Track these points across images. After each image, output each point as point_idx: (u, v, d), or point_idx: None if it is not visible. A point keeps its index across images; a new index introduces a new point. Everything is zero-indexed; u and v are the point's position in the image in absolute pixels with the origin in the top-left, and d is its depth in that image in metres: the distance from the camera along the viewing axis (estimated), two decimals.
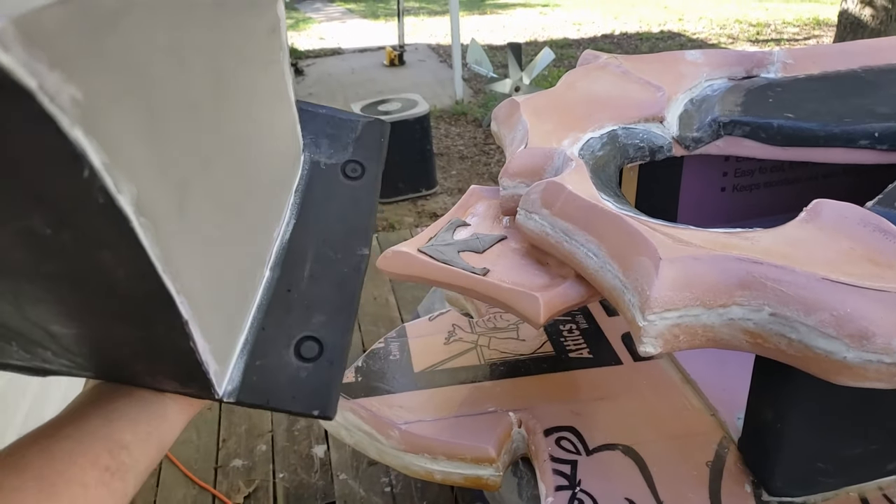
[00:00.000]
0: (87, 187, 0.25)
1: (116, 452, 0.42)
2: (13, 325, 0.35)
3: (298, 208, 0.52)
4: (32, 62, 0.21)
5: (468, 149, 4.72)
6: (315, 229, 0.51)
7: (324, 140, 0.56)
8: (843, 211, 0.78)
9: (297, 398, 0.44)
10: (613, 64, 1.30)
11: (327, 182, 0.54)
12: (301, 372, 0.44)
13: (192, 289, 0.35)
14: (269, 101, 0.47)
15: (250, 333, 0.45)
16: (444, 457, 0.97)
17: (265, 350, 0.45)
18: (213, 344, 0.39)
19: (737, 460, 0.93)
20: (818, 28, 7.81)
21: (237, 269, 0.44)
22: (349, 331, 0.47)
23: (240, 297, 0.45)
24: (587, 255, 0.82)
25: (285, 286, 0.48)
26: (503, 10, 10.11)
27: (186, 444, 2.07)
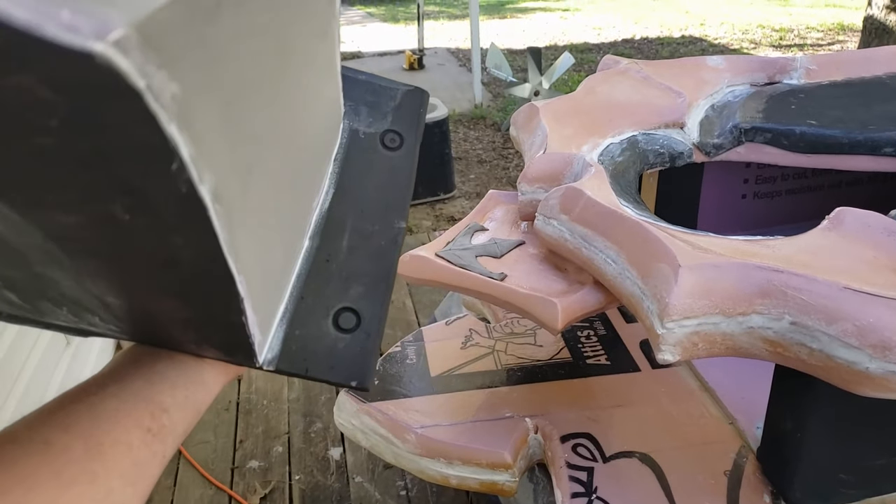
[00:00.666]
0: (173, 179, 0.26)
1: (158, 415, 0.43)
2: (70, 294, 0.35)
3: (337, 177, 0.52)
4: (146, 65, 0.21)
5: (487, 153, 4.72)
6: (353, 200, 0.51)
7: (363, 108, 0.56)
8: (866, 219, 0.77)
9: (335, 368, 0.44)
10: (634, 69, 1.30)
11: (366, 152, 0.54)
12: (339, 342, 0.44)
13: (249, 267, 0.35)
14: (321, 71, 0.47)
15: (290, 302, 0.45)
16: (459, 461, 0.97)
17: (304, 320, 0.45)
18: (259, 315, 0.40)
19: (755, 470, 0.92)
20: (842, 33, 7.73)
21: (283, 242, 0.44)
22: (386, 303, 0.47)
23: (283, 267, 0.45)
24: (606, 261, 0.81)
25: (324, 256, 0.48)
26: (523, 15, 10.10)
27: (203, 444, 2.08)
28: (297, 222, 0.47)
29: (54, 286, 0.35)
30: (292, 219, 0.45)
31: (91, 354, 2.26)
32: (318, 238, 0.49)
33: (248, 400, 2.28)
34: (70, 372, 2.05)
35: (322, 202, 0.50)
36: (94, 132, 0.23)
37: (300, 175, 0.46)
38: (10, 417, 1.65)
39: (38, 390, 1.84)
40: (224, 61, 0.28)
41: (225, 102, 0.29)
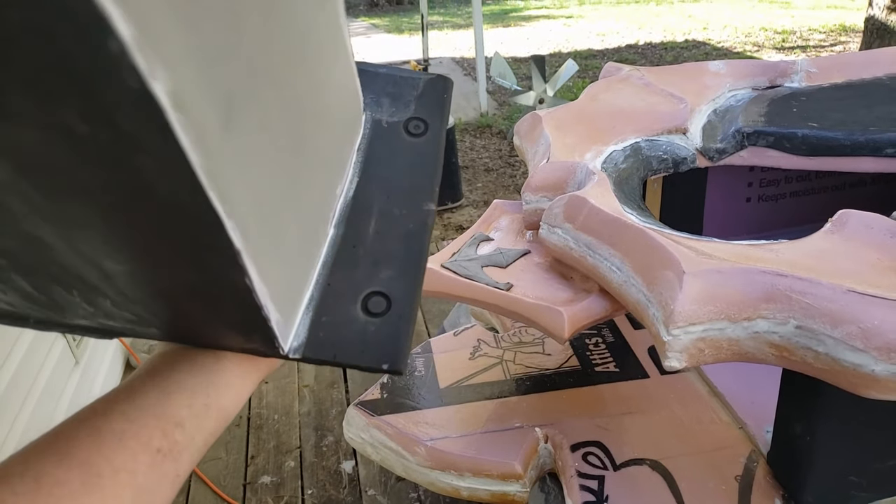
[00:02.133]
0: (116, 65, 0.24)
1: (170, 431, 0.41)
2: (68, 262, 0.34)
3: (362, 166, 0.52)
4: None
5: (493, 161, 4.73)
6: (379, 186, 0.51)
7: (385, 99, 0.56)
8: (868, 221, 0.77)
9: (366, 352, 0.43)
10: (636, 76, 1.30)
11: (390, 139, 0.53)
12: (369, 327, 0.43)
13: (245, 218, 0.34)
14: (325, 40, 0.46)
15: (315, 290, 0.45)
16: (470, 473, 0.97)
17: (331, 306, 0.44)
18: (272, 289, 0.38)
19: (766, 474, 0.92)
20: (844, 34, 7.72)
21: (299, 219, 0.43)
22: (418, 286, 0.46)
23: (303, 249, 0.44)
24: (611, 269, 0.81)
25: (351, 243, 0.47)
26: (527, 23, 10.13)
27: (215, 461, 2.09)
28: (318, 206, 0.46)
29: (50, 255, 0.34)
30: (311, 198, 0.45)
31: (99, 374, 2.27)
32: (344, 225, 0.48)
33: (258, 415, 2.29)
34: (79, 391, 2.06)
35: (346, 190, 0.50)
36: None
37: (316, 153, 0.45)
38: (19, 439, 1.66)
39: (47, 410, 1.85)
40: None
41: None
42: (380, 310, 0.44)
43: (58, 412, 1.90)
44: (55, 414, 1.88)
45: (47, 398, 1.89)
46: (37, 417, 1.80)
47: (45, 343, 1.98)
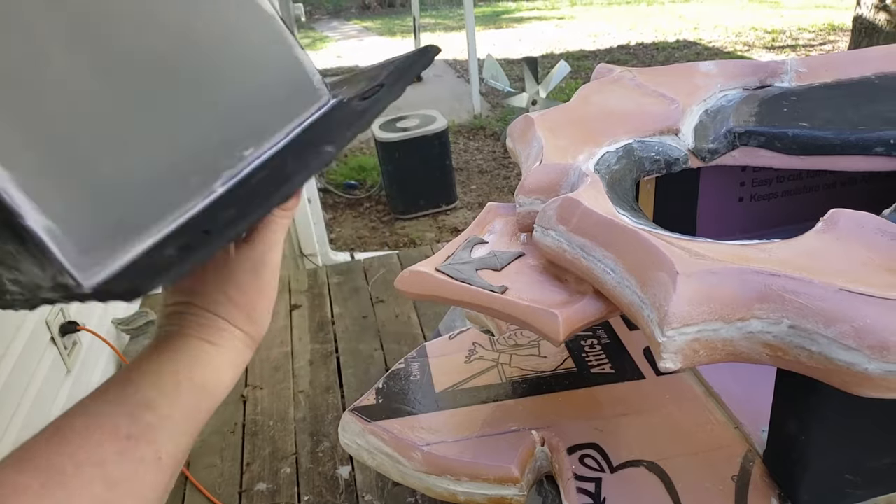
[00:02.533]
0: None
1: (139, 415, 0.40)
2: None
3: (296, 135, 0.51)
4: None
5: (487, 163, 4.74)
6: (293, 147, 0.50)
7: (363, 83, 0.55)
8: (859, 220, 0.78)
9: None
10: (627, 77, 1.30)
11: (338, 110, 0.52)
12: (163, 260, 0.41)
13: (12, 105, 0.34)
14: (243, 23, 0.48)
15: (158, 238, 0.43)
16: (467, 478, 0.97)
17: (152, 251, 0.42)
18: (53, 218, 0.37)
19: (763, 474, 0.92)
20: (833, 33, 7.76)
21: (139, 157, 0.42)
22: (242, 220, 0.43)
23: (143, 197, 0.42)
24: (605, 270, 0.82)
25: (225, 203, 0.46)
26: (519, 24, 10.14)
27: (210, 468, 2.08)
28: (193, 155, 0.45)
29: None
30: (174, 142, 0.44)
31: (91, 383, 2.26)
32: (235, 185, 0.47)
33: (253, 422, 2.28)
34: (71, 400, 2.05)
35: (258, 155, 0.49)
36: None
37: (197, 99, 0.45)
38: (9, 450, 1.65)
39: (38, 420, 1.84)
40: None
41: None
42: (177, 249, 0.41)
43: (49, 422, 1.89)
44: (47, 422, 1.87)
45: (38, 408, 1.88)
46: (28, 427, 1.79)
47: (36, 352, 1.97)
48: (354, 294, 3.04)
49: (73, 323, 2.24)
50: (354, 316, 2.87)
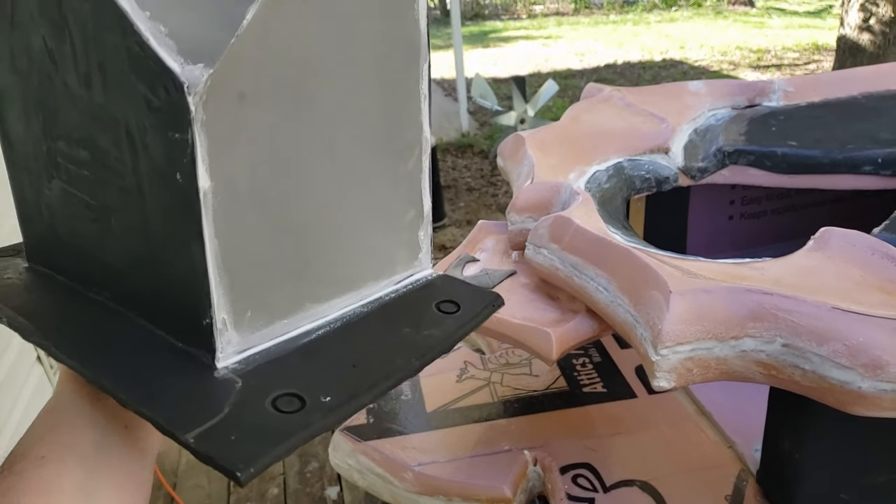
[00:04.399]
0: None
1: None
2: None
3: (385, 302, 0.51)
4: None
5: (475, 180, 4.75)
6: (393, 326, 0.49)
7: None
8: (851, 239, 0.78)
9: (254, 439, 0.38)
10: (617, 96, 1.31)
11: (416, 304, 0.52)
12: (276, 419, 0.39)
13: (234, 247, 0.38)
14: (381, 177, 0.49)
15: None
16: (459, 498, 0.96)
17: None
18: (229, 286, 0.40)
19: (756, 493, 0.91)
20: (817, 53, 7.86)
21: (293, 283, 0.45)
22: (343, 415, 0.42)
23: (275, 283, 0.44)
24: (597, 289, 0.81)
25: (344, 344, 0.47)
26: (506, 43, 10.21)
27: (197, 489, 2.06)
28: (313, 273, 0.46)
29: None
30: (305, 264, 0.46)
31: None
32: (344, 329, 0.47)
33: None
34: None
35: (362, 301, 0.50)
36: None
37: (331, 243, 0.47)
38: None
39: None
40: None
41: None
42: (291, 408, 0.40)
43: (14, 413, 1.86)
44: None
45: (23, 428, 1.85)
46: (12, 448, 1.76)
47: (21, 371, 1.95)
48: None
49: None
50: None
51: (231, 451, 0.35)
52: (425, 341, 0.47)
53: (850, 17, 4.65)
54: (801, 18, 10.48)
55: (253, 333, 0.43)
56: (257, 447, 0.35)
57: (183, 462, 2.16)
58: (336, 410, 0.40)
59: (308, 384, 0.41)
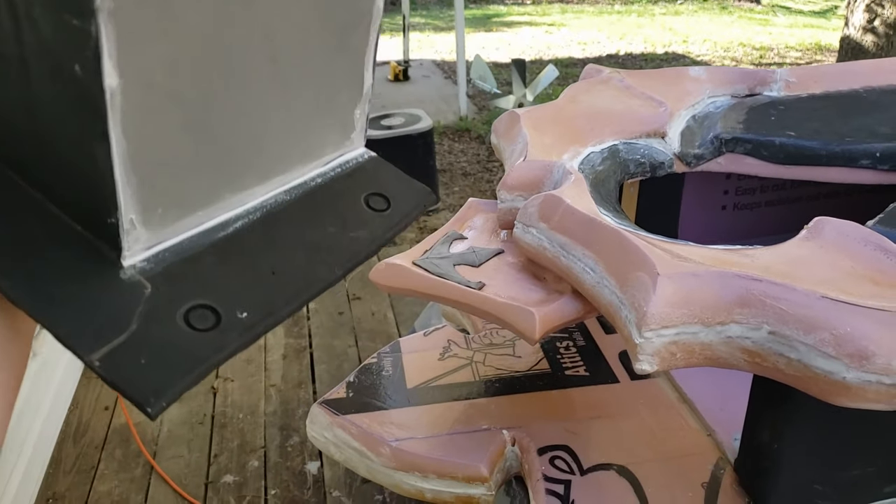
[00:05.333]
0: None
1: None
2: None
3: (314, 184, 0.47)
4: None
5: (471, 165, 4.72)
6: (315, 220, 0.46)
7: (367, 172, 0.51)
8: (844, 229, 0.77)
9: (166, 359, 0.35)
10: (616, 78, 1.29)
11: (345, 197, 0.48)
12: (189, 338, 0.36)
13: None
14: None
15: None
16: (435, 475, 0.95)
17: None
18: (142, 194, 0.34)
19: (733, 482, 0.91)
20: (820, 53, 7.84)
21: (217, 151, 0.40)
22: (268, 321, 0.39)
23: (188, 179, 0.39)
24: (584, 270, 0.80)
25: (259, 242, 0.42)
26: (509, 28, 10.15)
27: (177, 459, 2.05)
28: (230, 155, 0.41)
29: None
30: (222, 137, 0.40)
31: (58, 367, 2.21)
32: (265, 221, 0.43)
33: (223, 413, 2.25)
34: (36, 384, 2.01)
35: (285, 186, 0.45)
36: None
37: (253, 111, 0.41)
38: None
39: None
40: None
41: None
42: (204, 325, 0.37)
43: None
44: None
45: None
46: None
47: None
48: (331, 290, 3.01)
49: None
50: (330, 311, 2.84)
51: (141, 378, 0.32)
52: (351, 245, 0.44)
53: (855, 18, 4.63)
54: (806, 18, 10.44)
55: (164, 228, 0.38)
56: (169, 375, 0.32)
57: (164, 431, 2.15)
58: (253, 328, 0.37)
59: (223, 294, 0.37)
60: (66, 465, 2.00)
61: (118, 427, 2.15)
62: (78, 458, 2.02)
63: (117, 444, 2.08)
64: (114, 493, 1.90)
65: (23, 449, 1.84)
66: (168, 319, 0.35)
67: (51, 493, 1.90)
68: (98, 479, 1.95)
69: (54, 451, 2.04)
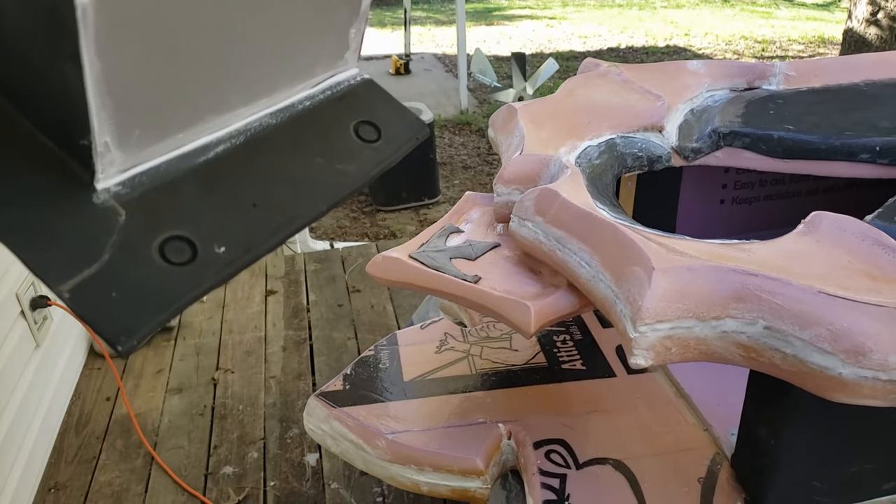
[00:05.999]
0: None
1: None
2: None
3: (305, 105, 0.45)
4: None
5: (471, 158, 4.72)
6: (301, 148, 0.44)
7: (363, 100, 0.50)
8: (841, 224, 0.77)
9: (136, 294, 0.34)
10: (614, 72, 1.29)
11: (337, 126, 0.47)
12: (163, 272, 0.35)
13: None
14: None
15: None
16: (430, 468, 0.95)
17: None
18: (117, 117, 0.33)
19: (729, 477, 0.91)
20: (823, 46, 7.81)
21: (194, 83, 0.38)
22: (247, 256, 0.38)
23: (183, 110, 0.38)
24: (580, 263, 0.80)
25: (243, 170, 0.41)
26: (510, 22, 10.12)
27: (177, 450, 2.05)
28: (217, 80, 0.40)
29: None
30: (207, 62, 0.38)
31: (61, 358, 2.22)
32: (248, 146, 0.41)
33: (223, 405, 2.25)
34: (38, 374, 2.01)
35: (271, 108, 0.44)
36: None
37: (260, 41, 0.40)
38: None
39: (3, 393, 1.80)
40: None
41: None
42: (180, 259, 0.36)
43: (16, 395, 1.85)
44: (13, 397, 1.83)
45: (4, 380, 1.84)
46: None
47: (4, 324, 1.93)
48: (331, 282, 3.00)
49: (44, 297, 2.20)
50: (330, 304, 2.84)
51: (111, 315, 0.31)
52: (337, 179, 0.42)
53: (859, 11, 4.61)
54: (809, 10, 10.40)
55: (141, 150, 0.36)
56: (141, 312, 0.31)
57: (164, 422, 2.15)
58: (230, 265, 0.35)
59: (200, 224, 0.36)
60: (68, 455, 2.00)
61: (119, 417, 2.15)
62: (79, 449, 2.03)
63: (118, 435, 2.09)
64: (114, 484, 1.90)
65: (25, 439, 1.85)
66: (142, 251, 0.33)
67: (52, 483, 1.90)
68: (99, 469, 1.95)
69: (56, 441, 2.04)
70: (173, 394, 2.30)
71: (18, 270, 2.05)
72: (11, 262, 1.96)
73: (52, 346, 2.19)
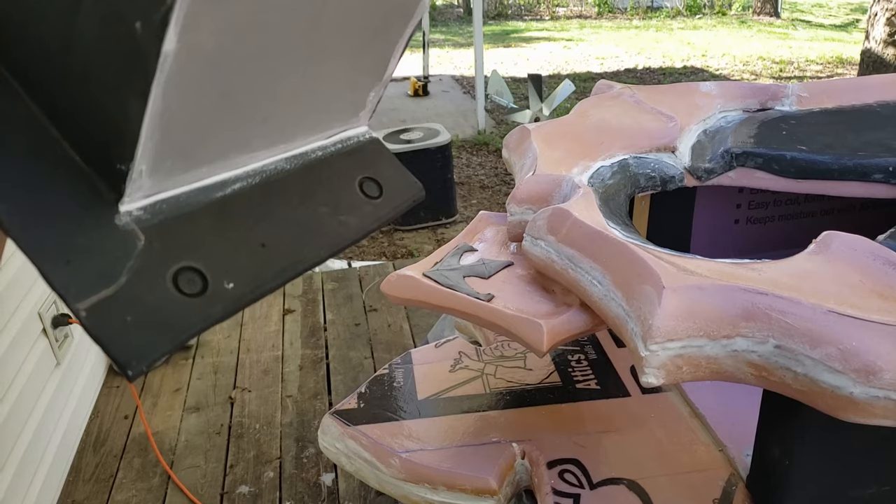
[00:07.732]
0: None
1: None
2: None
3: (315, 156, 0.48)
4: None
5: (489, 178, 4.74)
6: (311, 197, 0.46)
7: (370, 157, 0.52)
8: (853, 244, 0.77)
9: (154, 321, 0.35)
10: (627, 94, 1.30)
11: (343, 179, 0.50)
12: (175, 302, 0.36)
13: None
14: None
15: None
16: (444, 487, 0.95)
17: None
18: (160, 147, 0.34)
19: (745, 498, 0.90)
20: (841, 66, 7.79)
21: (234, 132, 0.40)
22: (258, 290, 0.40)
23: (215, 147, 0.40)
24: (592, 282, 0.80)
25: (259, 206, 0.43)
26: (527, 44, 10.18)
27: (193, 469, 2.06)
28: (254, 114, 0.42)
29: None
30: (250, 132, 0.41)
31: (81, 376, 2.24)
32: (262, 188, 0.43)
33: (239, 424, 2.26)
34: (59, 392, 2.03)
35: (287, 154, 0.46)
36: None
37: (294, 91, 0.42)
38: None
39: (24, 411, 1.83)
40: None
41: None
42: (192, 290, 0.37)
43: (36, 413, 1.87)
44: (33, 414, 1.85)
45: (25, 398, 1.87)
46: (13, 417, 1.77)
47: (26, 343, 1.96)
48: (348, 301, 3.02)
49: (65, 315, 2.23)
50: (347, 323, 2.85)
51: (125, 338, 0.32)
52: (339, 230, 0.44)
53: (876, 31, 4.60)
54: (827, 31, 10.38)
55: (167, 180, 0.38)
56: (153, 339, 0.32)
57: (181, 441, 2.16)
58: (238, 301, 0.36)
59: (213, 260, 0.37)
60: (86, 473, 2.02)
61: (137, 436, 2.17)
62: (97, 467, 2.05)
63: (136, 454, 2.10)
64: (131, 502, 1.92)
65: (44, 456, 1.87)
66: (158, 278, 0.35)
67: (70, 501, 1.92)
68: (116, 488, 1.97)
69: (74, 459, 2.06)
70: (190, 412, 2.32)
71: (42, 289, 2.08)
72: (34, 280, 1.99)
73: (73, 364, 2.21)
